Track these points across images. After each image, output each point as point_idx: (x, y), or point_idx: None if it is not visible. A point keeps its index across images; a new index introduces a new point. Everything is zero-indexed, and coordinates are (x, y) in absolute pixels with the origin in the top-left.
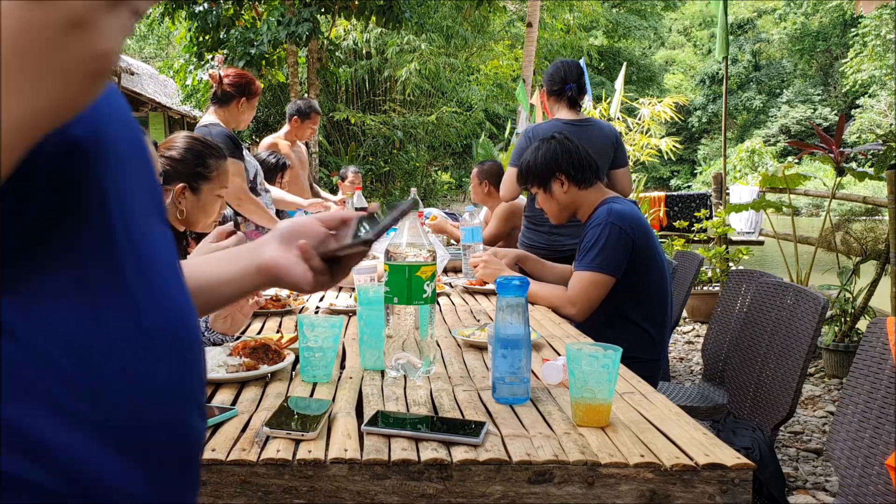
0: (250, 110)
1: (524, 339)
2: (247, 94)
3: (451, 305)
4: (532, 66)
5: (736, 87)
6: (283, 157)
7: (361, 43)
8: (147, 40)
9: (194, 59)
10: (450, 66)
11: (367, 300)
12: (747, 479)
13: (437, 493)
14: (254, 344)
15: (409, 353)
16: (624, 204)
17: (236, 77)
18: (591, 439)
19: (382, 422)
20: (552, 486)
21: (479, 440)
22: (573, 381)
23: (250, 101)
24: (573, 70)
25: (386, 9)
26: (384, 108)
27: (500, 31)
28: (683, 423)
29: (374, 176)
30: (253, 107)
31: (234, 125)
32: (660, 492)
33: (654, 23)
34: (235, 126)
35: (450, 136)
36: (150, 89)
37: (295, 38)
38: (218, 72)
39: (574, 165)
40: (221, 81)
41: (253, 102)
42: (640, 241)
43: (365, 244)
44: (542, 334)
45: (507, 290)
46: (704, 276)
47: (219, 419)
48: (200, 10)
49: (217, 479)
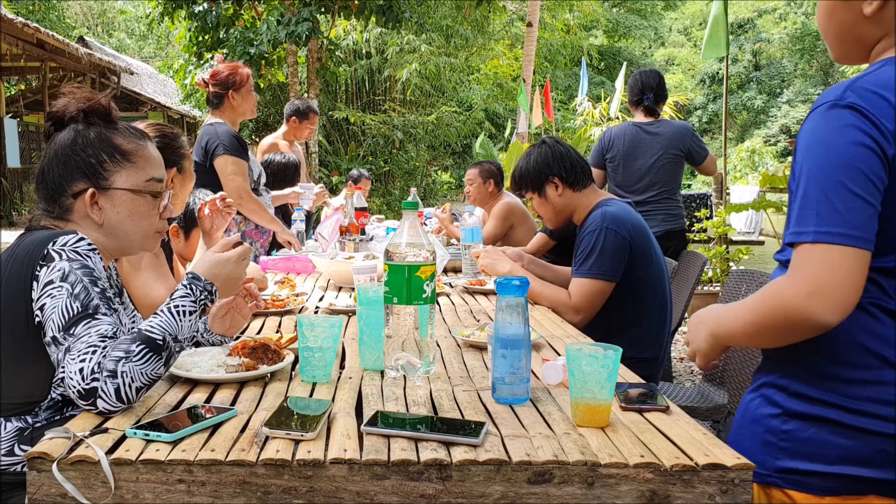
0: (247, 99)
1: (524, 340)
2: (233, 86)
3: (451, 305)
4: (532, 65)
5: (736, 87)
6: (292, 156)
7: (361, 43)
8: (147, 40)
9: (194, 58)
10: (450, 66)
11: (367, 300)
12: (747, 479)
13: (437, 494)
14: (253, 344)
15: (409, 353)
16: (617, 206)
17: (218, 75)
18: (591, 439)
19: (382, 422)
20: (552, 486)
21: (478, 440)
22: (573, 381)
23: (240, 91)
24: (651, 80)
25: (386, 9)
26: (384, 107)
27: (500, 31)
28: (683, 423)
29: (375, 176)
30: (247, 95)
31: (239, 118)
32: (660, 492)
33: (654, 22)
34: (242, 118)
35: (450, 135)
36: (149, 89)
37: (295, 37)
38: (202, 78)
39: (567, 168)
40: (208, 86)
41: (244, 91)
42: (637, 242)
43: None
44: (542, 334)
45: (507, 290)
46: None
47: (218, 419)
48: (200, 10)
49: (217, 479)
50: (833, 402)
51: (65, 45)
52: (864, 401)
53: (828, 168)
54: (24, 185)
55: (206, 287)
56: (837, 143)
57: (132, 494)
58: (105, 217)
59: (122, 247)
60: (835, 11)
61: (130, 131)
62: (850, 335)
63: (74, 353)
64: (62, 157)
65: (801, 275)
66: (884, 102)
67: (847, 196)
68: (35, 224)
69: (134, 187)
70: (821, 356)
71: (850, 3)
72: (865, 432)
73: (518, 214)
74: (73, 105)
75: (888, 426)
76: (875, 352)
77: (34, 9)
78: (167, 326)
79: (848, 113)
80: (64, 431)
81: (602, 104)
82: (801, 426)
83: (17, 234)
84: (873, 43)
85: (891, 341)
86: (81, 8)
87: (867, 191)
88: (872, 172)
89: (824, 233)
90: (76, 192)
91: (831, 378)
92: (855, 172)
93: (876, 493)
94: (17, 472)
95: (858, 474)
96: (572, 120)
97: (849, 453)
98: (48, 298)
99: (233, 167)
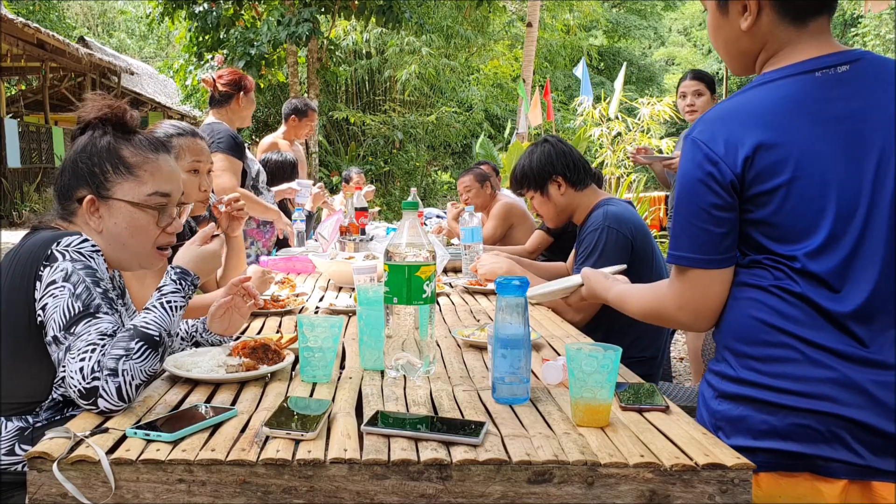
0: (250, 105)
1: (524, 339)
2: (243, 90)
3: (451, 305)
4: (532, 66)
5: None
6: (289, 155)
7: (361, 43)
8: (147, 40)
9: (194, 59)
10: (449, 67)
11: (367, 300)
12: (747, 479)
13: (437, 493)
14: (253, 344)
15: (409, 353)
16: (619, 205)
17: (230, 76)
18: (591, 439)
19: (382, 422)
20: (552, 486)
21: (478, 440)
22: (573, 381)
23: (248, 96)
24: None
25: (386, 9)
26: (384, 107)
27: (500, 31)
28: (683, 423)
29: (374, 176)
30: (251, 101)
31: (238, 123)
32: (660, 492)
33: (653, 23)
34: (240, 123)
35: (449, 136)
36: (149, 89)
37: (295, 38)
38: (210, 76)
39: (570, 167)
40: (216, 84)
41: (250, 97)
42: (638, 242)
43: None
44: (542, 334)
45: (507, 290)
46: None
47: (218, 419)
48: (200, 10)
49: (217, 479)
50: (753, 381)
51: (65, 46)
52: (779, 377)
53: (679, 200)
54: (24, 185)
55: (193, 282)
56: (685, 178)
57: (132, 494)
58: (104, 226)
59: (120, 259)
60: (719, 28)
61: (143, 143)
62: (759, 317)
63: (75, 351)
64: (73, 161)
65: (672, 292)
66: (722, 127)
67: (691, 226)
68: (45, 223)
69: (134, 200)
70: (737, 339)
71: (729, 19)
72: (781, 407)
73: (517, 214)
74: (93, 111)
75: (800, 401)
76: (784, 329)
77: (34, 9)
78: (162, 322)
79: (690, 146)
80: (64, 431)
81: (602, 104)
82: (731, 406)
83: (17, 233)
84: (755, 55)
85: (797, 319)
86: (82, 8)
87: (705, 221)
88: (708, 204)
89: (681, 256)
90: (80, 198)
91: (749, 357)
92: (694, 207)
93: (811, 470)
94: (18, 471)
95: (781, 448)
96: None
97: (770, 428)
98: (50, 298)
99: (223, 164)
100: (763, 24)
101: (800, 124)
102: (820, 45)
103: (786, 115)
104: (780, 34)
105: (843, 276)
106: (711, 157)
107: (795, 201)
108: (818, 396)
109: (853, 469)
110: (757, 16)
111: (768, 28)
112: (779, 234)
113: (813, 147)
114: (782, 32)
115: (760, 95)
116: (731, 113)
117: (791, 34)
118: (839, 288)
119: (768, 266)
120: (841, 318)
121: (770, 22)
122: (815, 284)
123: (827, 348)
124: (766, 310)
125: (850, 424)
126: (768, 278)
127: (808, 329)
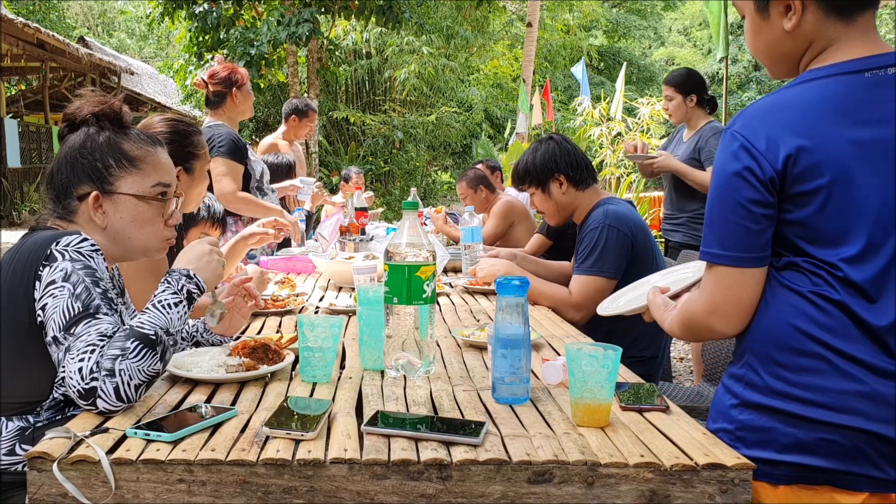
0: (247, 98)
1: (524, 339)
2: (236, 84)
3: (451, 305)
4: (532, 66)
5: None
6: (286, 156)
7: (361, 43)
8: (147, 40)
9: (194, 59)
10: (449, 67)
11: (367, 300)
12: (747, 479)
13: (437, 493)
14: (253, 344)
15: (409, 353)
16: (619, 204)
17: (221, 73)
18: (591, 439)
19: (382, 422)
20: (552, 486)
21: (478, 440)
22: (573, 381)
23: (242, 90)
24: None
25: (386, 9)
26: (384, 107)
27: (500, 31)
28: (683, 423)
29: (374, 176)
30: (247, 93)
31: (238, 118)
32: (660, 492)
33: (653, 23)
34: (241, 118)
35: (449, 136)
36: (149, 89)
37: (295, 38)
38: (201, 78)
39: (573, 166)
40: (208, 85)
41: (245, 90)
42: (639, 241)
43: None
44: (542, 334)
45: (507, 290)
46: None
47: (219, 419)
48: (200, 11)
49: (217, 479)
50: (782, 391)
51: (65, 46)
52: (809, 389)
53: (715, 195)
54: (24, 185)
55: (181, 273)
56: (722, 171)
57: (132, 494)
58: (108, 221)
59: (125, 252)
60: (759, 32)
61: (141, 137)
62: (794, 323)
63: (74, 352)
64: (70, 159)
65: (702, 294)
66: (763, 123)
67: (727, 222)
68: (41, 224)
69: (139, 193)
70: (769, 344)
71: (770, 22)
72: (808, 421)
73: (518, 212)
74: (85, 108)
75: (829, 415)
76: (818, 338)
77: (34, 9)
78: (156, 321)
79: (730, 140)
80: (64, 431)
81: (602, 104)
82: (755, 416)
83: (17, 233)
84: (798, 57)
85: (831, 328)
86: (82, 8)
87: (743, 217)
88: (746, 199)
89: (715, 254)
90: (81, 195)
91: (780, 365)
92: (731, 202)
93: (832, 484)
94: (18, 471)
95: (805, 462)
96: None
97: (795, 441)
98: (50, 298)
99: (223, 168)
100: (808, 23)
101: (845, 126)
102: (868, 42)
103: (831, 116)
104: (826, 31)
105: (880, 287)
106: (751, 150)
107: (835, 205)
108: (847, 410)
109: (876, 483)
110: (801, 14)
111: (813, 26)
112: (815, 236)
113: (857, 151)
114: (829, 29)
115: (806, 94)
116: (775, 110)
117: (839, 30)
118: (876, 298)
119: (806, 270)
120: (877, 331)
121: (815, 20)
122: (854, 293)
123: (859, 361)
124: (801, 317)
125: (875, 439)
126: (806, 284)
127: (842, 340)
